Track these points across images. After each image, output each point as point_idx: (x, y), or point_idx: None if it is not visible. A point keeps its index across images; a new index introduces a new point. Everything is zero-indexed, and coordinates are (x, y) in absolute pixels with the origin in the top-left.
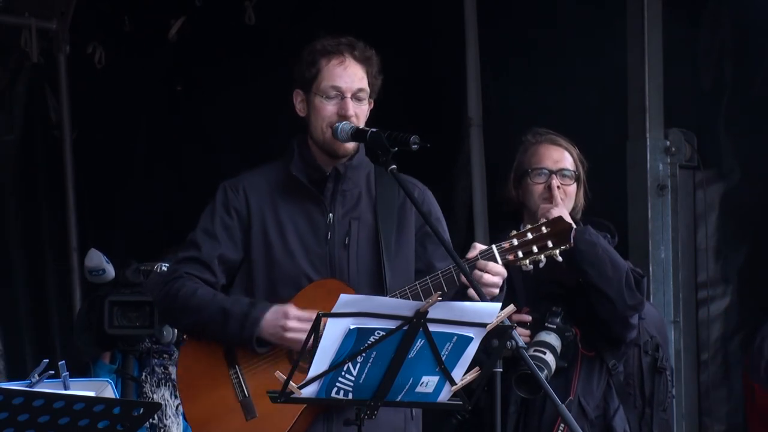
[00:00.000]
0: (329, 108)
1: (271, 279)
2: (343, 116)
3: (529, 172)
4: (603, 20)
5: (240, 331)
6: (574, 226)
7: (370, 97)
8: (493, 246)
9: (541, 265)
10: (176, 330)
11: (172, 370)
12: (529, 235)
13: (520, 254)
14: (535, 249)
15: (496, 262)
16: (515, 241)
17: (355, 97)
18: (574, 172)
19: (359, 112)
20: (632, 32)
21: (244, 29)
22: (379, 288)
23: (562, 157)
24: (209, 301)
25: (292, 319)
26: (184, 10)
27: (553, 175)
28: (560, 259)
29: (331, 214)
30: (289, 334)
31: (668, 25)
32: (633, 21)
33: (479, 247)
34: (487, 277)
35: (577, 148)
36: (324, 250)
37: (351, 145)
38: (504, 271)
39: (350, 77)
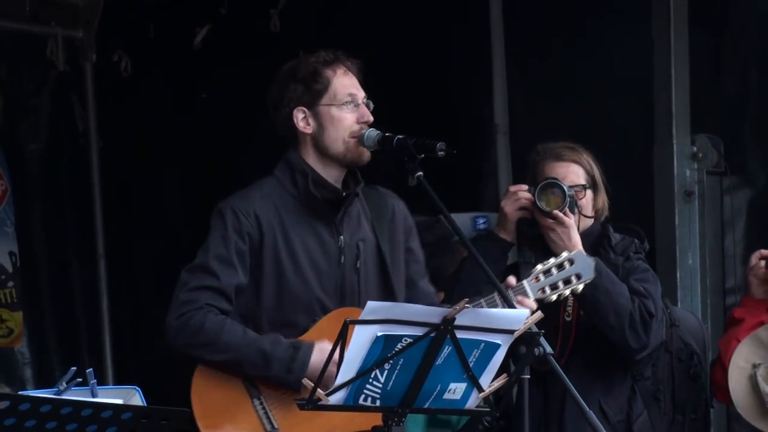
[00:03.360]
0: (348, 116)
1: (281, 303)
2: (364, 123)
3: None
4: (629, 26)
5: (286, 374)
6: (593, 262)
7: None
8: (524, 281)
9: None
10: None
11: None
12: (554, 271)
13: (548, 290)
14: (560, 284)
15: (528, 296)
16: (542, 276)
17: (364, 104)
18: (585, 183)
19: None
20: (658, 38)
21: (269, 37)
22: None
23: (567, 172)
24: (242, 339)
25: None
26: (210, 18)
27: None
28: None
29: (341, 237)
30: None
31: (694, 30)
32: (659, 27)
33: (512, 280)
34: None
35: (587, 151)
36: (335, 273)
37: (368, 154)
38: (534, 306)
39: (357, 85)
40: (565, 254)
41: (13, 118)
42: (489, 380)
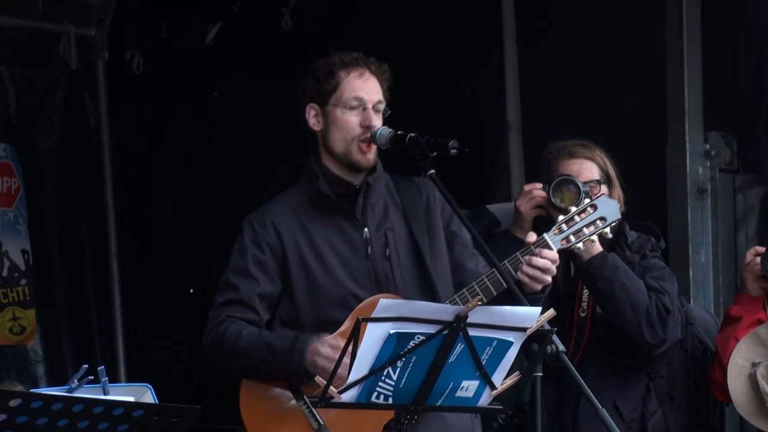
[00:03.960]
0: (352, 119)
1: (316, 302)
2: (366, 127)
3: None
4: (641, 23)
5: (288, 364)
6: (617, 204)
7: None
8: (545, 234)
9: (593, 245)
10: None
11: None
12: (577, 218)
13: (572, 239)
14: (585, 230)
15: (551, 249)
16: (564, 226)
17: (375, 108)
18: (599, 178)
19: (378, 124)
20: (671, 35)
21: (281, 35)
22: (429, 295)
23: (581, 169)
24: (256, 340)
25: (325, 346)
26: (222, 16)
27: None
28: (611, 236)
29: (366, 229)
30: (320, 361)
31: (707, 28)
32: (671, 24)
33: (532, 236)
34: (537, 260)
35: (600, 147)
36: (365, 265)
37: (373, 157)
38: (556, 257)
39: (370, 89)
40: (587, 200)
41: (25, 117)
42: (501, 378)
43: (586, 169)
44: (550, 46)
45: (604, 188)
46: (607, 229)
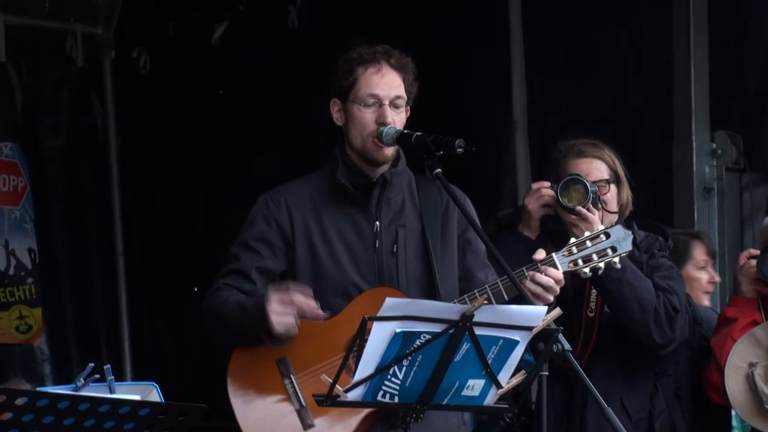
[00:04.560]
0: (367, 116)
1: (318, 288)
2: (381, 123)
3: None
4: (648, 23)
5: (253, 323)
6: (631, 235)
7: (407, 104)
8: (553, 254)
9: (600, 272)
10: None
11: None
12: (588, 243)
13: (580, 263)
14: (594, 257)
15: (556, 268)
16: (575, 249)
17: (393, 104)
18: (608, 178)
19: (397, 120)
20: (678, 34)
21: (288, 33)
22: (431, 295)
23: (590, 168)
24: (233, 303)
25: (273, 302)
26: (228, 15)
27: None
28: (619, 266)
29: (377, 222)
30: (273, 316)
31: (713, 27)
32: (678, 23)
33: (541, 253)
34: (541, 277)
35: (608, 146)
36: (372, 258)
37: (390, 152)
38: (561, 278)
39: (388, 85)
40: (601, 227)
41: (32, 116)
42: (507, 377)
43: (595, 169)
44: (556, 45)
45: (612, 188)
46: (616, 259)
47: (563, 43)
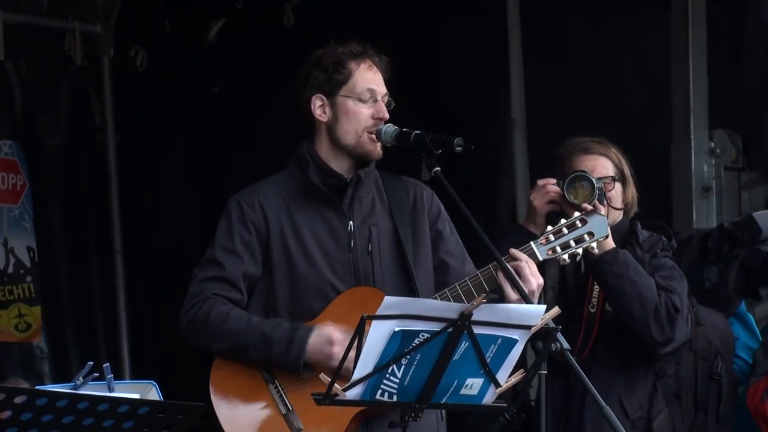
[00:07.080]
0: (365, 111)
1: (294, 290)
2: (378, 119)
3: None
4: (647, 20)
5: (285, 357)
6: (606, 220)
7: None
8: (531, 242)
9: (578, 258)
10: None
11: None
12: (565, 230)
13: (558, 249)
14: (572, 243)
15: (536, 258)
16: (552, 237)
17: (384, 101)
18: (614, 175)
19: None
20: (676, 32)
21: (284, 31)
22: (408, 292)
23: (595, 165)
24: (245, 325)
25: (337, 346)
26: (224, 13)
27: None
28: (597, 251)
29: (351, 222)
30: (334, 363)
31: (712, 25)
32: (677, 21)
33: (514, 250)
34: (517, 253)
35: (615, 145)
36: (347, 257)
37: (380, 150)
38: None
39: (380, 81)
40: (576, 214)
41: (30, 113)
42: (506, 375)
43: (601, 165)
44: (554, 43)
45: (617, 185)
46: (594, 244)
47: (561, 41)
